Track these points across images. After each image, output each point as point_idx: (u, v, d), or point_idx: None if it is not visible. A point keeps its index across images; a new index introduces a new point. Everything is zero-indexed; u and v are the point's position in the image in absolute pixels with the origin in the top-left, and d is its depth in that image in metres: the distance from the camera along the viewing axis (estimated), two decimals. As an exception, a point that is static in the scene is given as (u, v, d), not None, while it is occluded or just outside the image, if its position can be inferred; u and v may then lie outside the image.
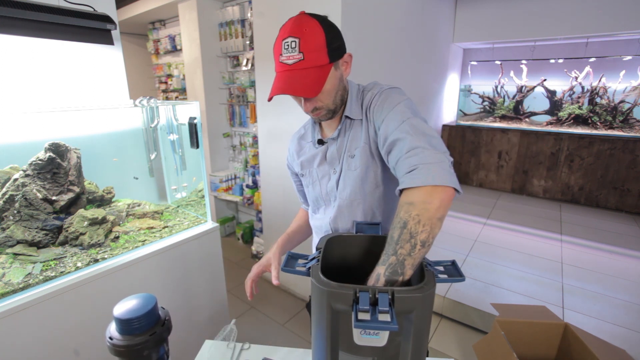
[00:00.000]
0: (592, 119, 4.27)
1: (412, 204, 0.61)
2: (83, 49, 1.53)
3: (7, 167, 1.25)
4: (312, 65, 0.74)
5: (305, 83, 0.74)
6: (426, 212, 0.60)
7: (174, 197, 1.81)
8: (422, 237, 0.60)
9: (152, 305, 0.64)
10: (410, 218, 0.60)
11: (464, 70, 5.04)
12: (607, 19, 3.34)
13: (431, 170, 0.63)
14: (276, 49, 0.76)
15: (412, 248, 0.59)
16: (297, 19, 0.76)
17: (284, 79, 0.75)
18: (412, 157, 0.67)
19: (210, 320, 1.62)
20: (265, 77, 2.50)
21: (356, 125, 0.86)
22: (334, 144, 0.89)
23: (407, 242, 0.60)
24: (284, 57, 0.74)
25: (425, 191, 0.62)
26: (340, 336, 0.59)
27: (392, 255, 0.61)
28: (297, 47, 0.72)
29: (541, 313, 1.61)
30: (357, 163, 0.84)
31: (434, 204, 0.60)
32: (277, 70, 0.77)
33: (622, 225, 3.55)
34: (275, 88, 0.76)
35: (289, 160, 1.05)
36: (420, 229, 0.60)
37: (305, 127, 1.01)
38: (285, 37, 0.74)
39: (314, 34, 0.73)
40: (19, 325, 1.02)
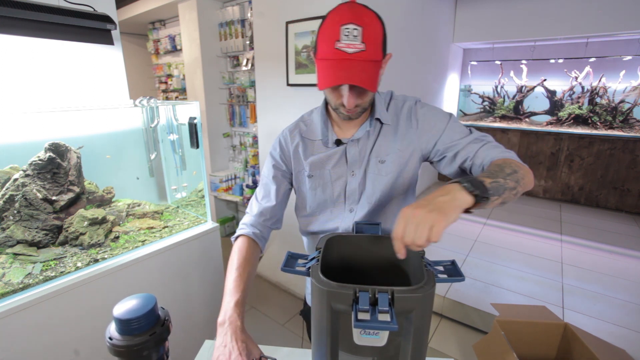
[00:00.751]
0: (592, 119, 4.27)
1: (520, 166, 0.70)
2: (83, 49, 1.53)
3: (7, 167, 1.25)
4: (371, 59, 0.69)
5: (366, 76, 0.69)
6: (528, 177, 0.70)
7: (174, 197, 1.81)
8: (520, 189, 0.68)
9: (152, 305, 0.64)
10: (520, 172, 0.68)
11: (464, 70, 5.04)
12: (607, 19, 3.34)
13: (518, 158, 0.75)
14: (329, 34, 0.68)
15: (513, 187, 0.65)
16: (353, 5, 0.69)
17: (343, 68, 0.68)
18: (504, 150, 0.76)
19: (210, 320, 1.62)
20: (265, 77, 2.50)
21: (386, 130, 0.85)
22: (355, 146, 0.86)
23: (514, 181, 0.66)
24: (342, 44, 0.67)
25: (527, 167, 0.72)
26: (340, 336, 0.59)
27: (501, 178, 0.65)
28: (360, 36, 0.67)
29: (541, 313, 1.61)
30: (388, 169, 0.84)
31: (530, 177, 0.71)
32: (329, 57, 0.69)
33: (622, 225, 3.55)
34: (336, 77, 0.69)
35: (284, 157, 0.93)
36: (522, 182, 0.68)
37: (305, 122, 0.94)
38: (344, 23, 0.67)
39: (374, 25, 0.69)
40: (19, 325, 1.02)
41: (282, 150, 0.94)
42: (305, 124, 0.94)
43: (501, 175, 0.65)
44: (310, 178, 0.90)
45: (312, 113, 0.95)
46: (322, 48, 0.71)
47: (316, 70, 0.75)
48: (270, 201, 0.93)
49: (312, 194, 0.91)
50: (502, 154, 0.74)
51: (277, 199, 0.94)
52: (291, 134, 0.93)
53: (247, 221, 0.93)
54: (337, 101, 0.78)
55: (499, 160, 0.71)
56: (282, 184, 0.94)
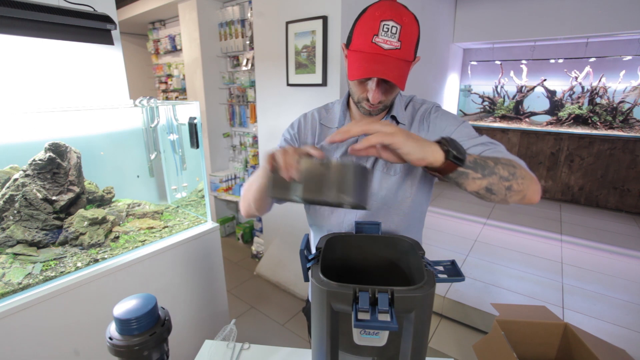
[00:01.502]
0: (592, 119, 4.27)
1: (523, 170, 0.65)
2: (83, 49, 1.53)
3: (7, 167, 1.25)
4: (404, 58, 0.70)
5: (398, 73, 0.70)
6: (529, 182, 0.65)
7: (174, 197, 1.81)
8: (515, 186, 0.62)
9: (152, 305, 0.64)
10: (520, 171, 0.64)
11: (464, 70, 5.04)
12: (607, 19, 3.34)
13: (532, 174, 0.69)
14: (368, 27, 0.69)
15: (505, 178, 0.62)
16: (394, 4, 0.70)
17: (378, 62, 0.69)
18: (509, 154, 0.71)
19: (210, 320, 1.62)
20: (265, 77, 2.50)
21: None
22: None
23: (509, 173, 0.62)
24: (380, 39, 0.68)
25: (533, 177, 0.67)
26: (340, 336, 0.59)
27: (491, 161, 0.62)
28: (398, 34, 0.68)
29: (541, 313, 1.61)
30: (397, 169, 0.84)
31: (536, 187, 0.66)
32: (365, 50, 0.70)
33: (622, 225, 3.55)
34: (371, 70, 0.70)
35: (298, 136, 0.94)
36: (520, 181, 0.63)
37: (327, 110, 0.96)
38: (385, 19, 0.67)
39: (411, 26, 0.69)
40: (19, 325, 1.02)
41: (299, 129, 0.95)
42: (327, 111, 0.96)
43: (492, 160, 0.62)
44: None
45: (335, 103, 0.96)
46: (358, 40, 0.72)
47: (346, 61, 0.76)
48: None
49: None
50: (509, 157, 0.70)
51: None
52: (312, 117, 0.95)
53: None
54: (361, 95, 0.79)
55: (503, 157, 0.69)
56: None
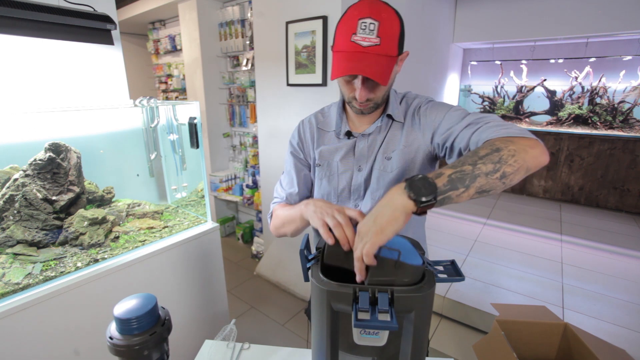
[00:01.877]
0: (592, 119, 4.27)
1: (512, 142, 0.60)
2: (83, 49, 1.53)
3: (7, 167, 1.25)
4: (385, 53, 0.70)
5: (379, 69, 0.70)
6: (524, 153, 0.58)
7: (174, 197, 1.81)
8: (508, 169, 0.57)
9: (152, 305, 0.64)
10: (506, 149, 0.58)
11: (464, 70, 5.04)
12: (607, 19, 3.34)
13: (527, 133, 0.64)
14: (347, 27, 0.70)
15: (493, 171, 0.57)
16: (372, 1, 0.71)
17: (357, 59, 0.69)
18: (503, 122, 0.68)
19: (210, 320, 1.62)
20: (265, 77, 2.50)
21: (395, 127, 0.85)
22: (364, 140, 0.87)
23: (493, 163, 0.57)
24: (358, 37, 0.69)
25: (528, 139, 0.62)
26: (340, 336, 0.59)
27: (469, 164, 0.57)
28: (376, 30, 0.68)
29: (541, 313, 1.61)
30: (394, 166, 0.83)
31: (535, 151, 0.60)
32: (345, 49, 0.71)
33: (622, 225, 3.55)
34: (348, 67, 0.70)
35: (302, 145, 0.96)
36: (511, 161, 0.57)
37: (324, 114, 0.96)
38: (363, 17, 0.68)
39: (391, 21, 0.70)
40: (19, 325, 1.02)
41: (300, 138, 0.97)
42: (323, 115, 0.96)
43: (470, 161, 0.58)
44: (318, 167, 0.92)
45: (331, 106, 0.97)
46: (339, 40, 0.73)
47: (332, 62, 0.77)
48: (294, 187, 0.98)
49: (318, 183, 0.94)
50: (496, 134, 0.65)
51: (300, 185, 0.98)
52: (309, 123, 0.96)
53: (277, 200, 1.00)
54: (350, 94, 0.79)
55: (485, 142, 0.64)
56: (301, 171, 0.98)
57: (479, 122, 0.71)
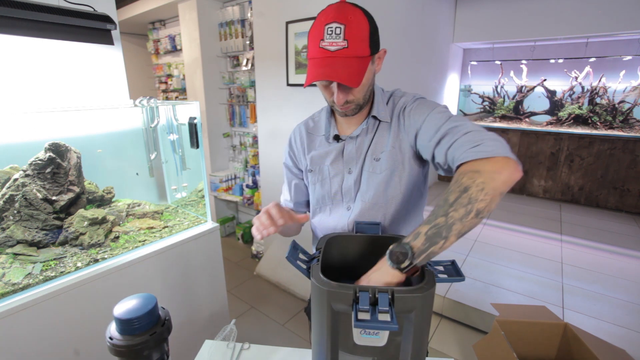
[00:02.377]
0: (592, 119, 4.27)
1: (479, 172, 0.59)
2: (83, 49, 1.53)
3: (7, 167, 1.25)
4: (354, 55, 0.70)
5: (348, 71, 0.70)
6: (492, 182, 0.58)
7: (174, 197, 1.81)
8: (480, 205, 0.57)
9: (152, 305, 0.64)
10: (474, 184, 0.58)
11: (464, 70, 5.04)
12: (607, 19, 3.34)
13: (498, 146, 0.62)
14: (315, 34, 0.71)
15: (466, 214, 0.57)
16: (340, 5, 0.71)
17: (325, 65, 0.70)
18: (474, 136, 0.66)
19: (210, 320, 1.62)
20: (265, 77, 2.50)
21: (382, 128, 0.85)
22: (352, 143, 0.86)
23: (463, 207, 0.58)
24: (325, 42, 0.70)
25: (496, 162, 0.60)
26: (340, 336, 0.59)
27: (441, 216, 0.58)
28: (342, 34, 0.68)
29: (541, 313, 1.61)
30: (382, 167, 0.83)
31: (503, 175, 0.58)
32: (315, 56, 0.72)
33: (622, 225, 3.55)
34: (317, 74, 0.71)
35: (293, 153, 0.98)
36: (482, 197, 0.57)
37: (314, 119, 0.97)
38: (329, 22, 0.69)
39: (358, 22, 0.70)
40: (19, 325, 1.02)
41: (292, 147, 0.98)
42: (313, 120, 0.97)
43: (442, 212, 0.59)
44: (310, 173, 0.93)
45: (321, 111, 0.97)
46: (309, 48, 0.74)
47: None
48: (288, 195, 1.04)
49: (312, 188, 0.95)
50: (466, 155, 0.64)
51: (291, 194, 1.02)
52: (299, 130, 0.98)
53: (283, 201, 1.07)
54: (329, 98, 0.80)
55: (455, 175, 0.63)
56: (292, 180, 1.01)
57: (454, 133, 0.70)
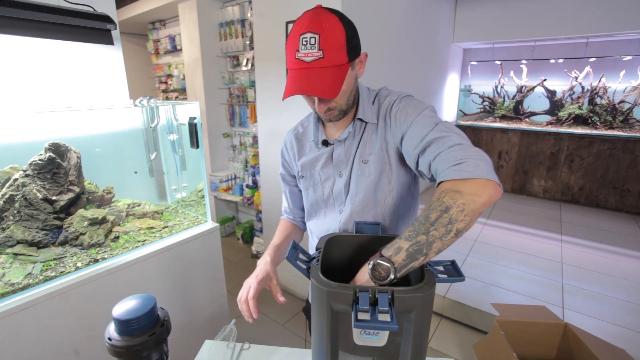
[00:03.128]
0: (592, 119, 4.27)
1: (460, 193, 0.60)
2: (83, 49, 1.53)
3: (7, 167, 1.25)
4: (331, 64, 0.69)
5: (324, 83, 0.69)
6: (472, 204, 0.59)
7: (174, 197, 1.81)
8: (460, 226, 0.59)
9: (151, 305, 0.64)
10: (455, 205, 0.59)
11: (464, 70, 5.04)
12: (607, 19, 3.34)
13: (480, 166, 0.62)
14: (291, 44, 0.70)
15: (446, 233, 0.59)
16: (314, 12, 0.70)
17: (301, 77, 0.70)
18: (458, 152, 0.65)
19: (210, 320, 1.62)
20: (265, 77, 2.50)
21: (369, 129, 0.84)
22: (341, 146, 0.86)
23: (444, 226, 0.59)
24: (301, 53, 0.69)
25: (476, 184, 0.61)
26: (340, 336, 0.59)
27: (422, 234, 0.59)
28: (317, 44, 0.67)
29: (541, 313, 1.61)
30: (371, 169, 0.82)
31: (482, 198, 0.60)
32: (292, 67, 0.71)
33: (622, 225, 3.54)
34: (293, 87, 0.71)
35: (285, 160, 0.99)
36: (462, 217, 0.59)
37: (303, 125, 0.96)
38: (303, 32, 0.68)
39: (334, 30, 0.68)
40: (19, 325, 1.02)
41: (283, 155, 1.00)
42: (302, 126, 0.97)
43: (423, 230, 0.60)
44: (302, 178, 0.94)
45: (309, 116, 0.97)
46: (287, 58, 0.73)
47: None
48: (288, 204, 1.06)
49: (305, 194, 0.96)
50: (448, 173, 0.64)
51: (292, 200, 1.04)
52: (290, 136, 0.98)
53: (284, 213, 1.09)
54: (312, 106, 0.80)
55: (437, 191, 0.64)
56: (289, 185, 1.02)
57: (439, 145, 0.69)
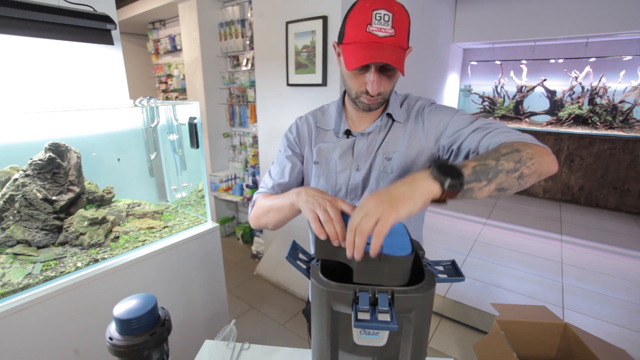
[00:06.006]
0: (592, 119, 4.27)
1: (529, 146, 0.61)
2: (83, 49, 1.53)
3: (7, 167, 1.25)
4: (399, 45, 0.70)
5: (397, 58, 0.69)
6: (540, 157, 0.60)
7: (174, 197, 1.81)
8: (526, 171, 0.58)
9: (152, 305, 0.64)
10: (525, 152, 0.60)
11: (464, 70, 5.04)
12: (607, 19, 3.34)
13: (538, 141, 0.66)
14: (360, 18, 0.69)
15: (513, 169, 0.58)
16: None
17: (375, 49, 0.69)
18: (512, 131, 0.68)
19: (210, 320, 1.62)
20: (265, 77, 2.50)
21: (396, 127, 0.85)
22: (364, 139, 0.86)
23: (514, 162, 0.58)
24: (374, 27, 0.68)
25: (541, 147, 0.63)
26: (340, 336, 0.59)
27: (492, 159, 0.58)
28: (391, 21, 0.68)
29: (541, 313, 1.61)
30: (394, 166, 0.82)
31: (549, 157, 0.62)
32: (360, 40, 0.70)
33: (622, 225, 3.55)
34: (368, 56, 0.69)
35: (297, 139, 0.95)
36: (529, 163, 0.59)
37: (323, 112, 0.95)
38: (377, 8, 0.68)
39: (402, 14, 0.71)
40: (19, 325, 1.02)
41: (298, 133, 0.95)
42: (322, 112, 0.96)
43: (492, 157, 0.58)
44: (316, 165, 0.91)
45: (330, 105, 0.96)
46: (351, 32, 0.72)
47: (340, 58, 0.77)
48: (284, 178, 0.93)
49: (315, 181, 0.92)
50: (509, 138, 0.66)
51: (291, 176, 0.94)
52: (307, 120, 0.95)
53: (263, 189, 0.94)
54: (359, 89, 0.78)
55: (502, 143, 0.64)
56: (296, 163, 0.95)
57: (488, 128, 0.72)
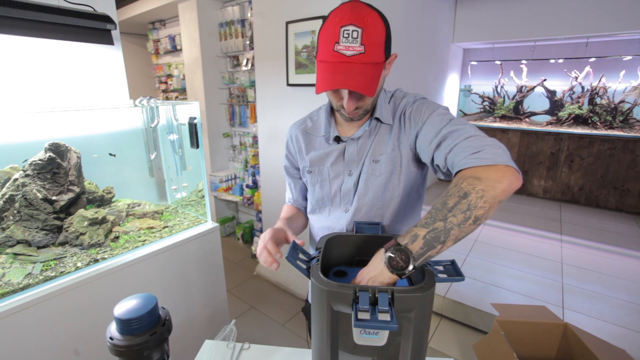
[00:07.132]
0: (592, 119, 4.27)
1: (479, 179, 0.59)
2: (83, 49, 1.53)
3: (7, 167, 1.25)
4: (370, 61, 0.67)
5: (364, 80, 0.67)
6: (492, 190, 0.57)
7: (174, 197, 1.81)
8: (479, 213, 0.57)
9: (153, 305, 0.64)
10: (474, 191, 0.58)
11: (464, 70, 5.04)
12: (607, 19, 3.34)
13: (499, 154, 0.61)
14: (329, 36, 0.67)
15: (464, 220, 0.57)
16: (355, 5, 0.67)
17: (340, 71, 0.67)
18: (475, 141, 0.64)
19: (210, 320, 1.62)
20: (265, 77, 2.50)
21: (383, 130, 0.83)
22: (354, 144, 0.85)
23: (462, 212, 0.57)
24: (341, 46, 0.65)
25: (496, 170, 0.59)
26: (340, 336, 0.59)
27: (440, 220, 0.58)
28: (360, 38, 0.65)
29: (541, 313, 1.61)
30: (382, 169, 0.82)
31: (502, 184, 0.58)
32: (328, 59, 0.68)
33: (622, 225, 3.55)
34: (332, 81, 0.67)
35: (290, 153, 0.97)
36: (481, 204, 0.57)
37: (312, 119, 0.95)
38: (344, 25, 0.65)
39: (375, 26, 0.66)
40: (19, 325, 1.02)
41: (289, 146, 0.97)
42: (312, 120, 0.95)
43: (440, 216, 0.58)
44: (310, 174, 0.92)
45: (319, 110, 0.95)
46: (321, 49, 0.70)
47: (316, 72, 0.75)
48: (292, 195, 1.04)
49: (311, 189, 0.93)
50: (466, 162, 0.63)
51: (295, 192, 1.02)
52: (297, 129, 0.96)
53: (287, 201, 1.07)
54: (337, 103, 0.78)
55: (455, 178, 0.63)
56: (293, 177, 1.01)
57: (454, 137, 0.68)
